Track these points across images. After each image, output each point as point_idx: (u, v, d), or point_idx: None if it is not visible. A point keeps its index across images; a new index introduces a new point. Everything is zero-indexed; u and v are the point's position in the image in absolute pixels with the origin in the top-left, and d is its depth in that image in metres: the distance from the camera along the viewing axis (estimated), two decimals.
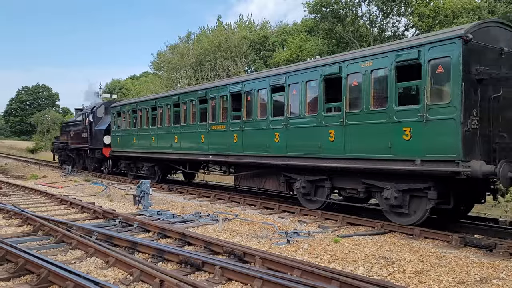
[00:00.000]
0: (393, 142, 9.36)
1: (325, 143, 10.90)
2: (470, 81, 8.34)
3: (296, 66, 12.87)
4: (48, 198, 14.49)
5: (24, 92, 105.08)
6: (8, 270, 6.21)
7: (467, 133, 8.23)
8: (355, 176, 10.57)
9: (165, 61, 44.75)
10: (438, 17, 25.48)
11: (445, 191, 9.09)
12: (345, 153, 10.42)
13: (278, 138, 12.22)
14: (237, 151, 13.83)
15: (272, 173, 13.21)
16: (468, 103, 8.29)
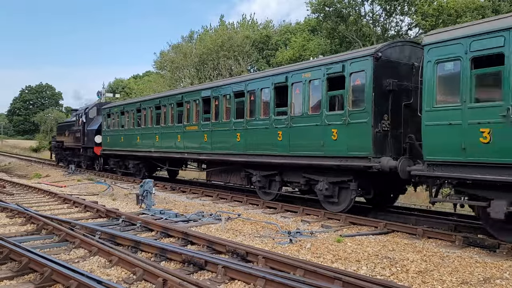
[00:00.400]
0: (324, 142, 11.14)
1: (275, 142, 12.65)
2: (381, 91, 10.12)
3: (255, 75, 15.02)
4: (51, 197, 14.53)
5: (27, 92, 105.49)
6: (11, 269, 6.23)
7: (377, 134, 10.04)
8: (298, 171, 12.30)
9: (168, 60, 44.79)
10: (441, 16, 25.39)
11: (366, 183, 10.90)
12: (290, 151, 12.15)
13: (239, 138, 14.01)
14: (207, 149, 15.59)
15: (236, 169, 14.93)
16: (379, 109, 10.11)
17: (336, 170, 11.07)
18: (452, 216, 11.44)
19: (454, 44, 8.37)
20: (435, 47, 8.72)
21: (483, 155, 7.81)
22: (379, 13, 29.69)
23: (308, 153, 11.61)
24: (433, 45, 8.75)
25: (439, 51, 8.64)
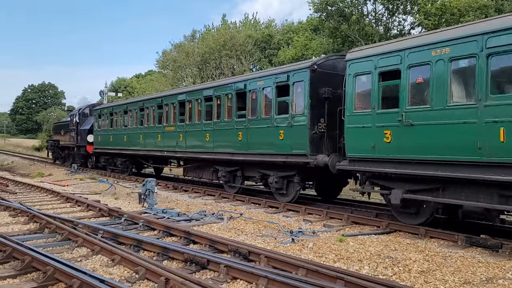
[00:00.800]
0: (274, 141, 12.81)
1: (236, 141, 14.34)
2: (318, 98, 11.76)
3: (220, 82, 17.15)
4: (54, 196, 14.57)
5: (30, 91, 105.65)
6: (14, 267, 6.25)
7: (314, 135, 11.73)
8: (255, 167, 14.05)
9: (170, 59, 44.78)
10: (444, 15, 25.30)
11: (309, 176, 12.88)
12: (248, 149, 13.83)
13: (208, 137, 15.81)
14: (182, 148, 17.42)
15: (206, 165, 16.65)
16: (316, 113, 11.78)
17: (284, 166, 12.79)
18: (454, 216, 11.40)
19: (367, 61, 10.19)
20: (354, 63, 10.54)
21: (386, 152, 9.68)
22: (382, 12, 29.62)
23: (261, 151, 13.37)
24: (353, 61, 10.57)
25: (356, 66, 10.43)
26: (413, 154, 9.12)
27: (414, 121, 9.06)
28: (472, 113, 8.16)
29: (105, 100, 46.11)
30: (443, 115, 8.59)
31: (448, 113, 8.53)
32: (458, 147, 8.35)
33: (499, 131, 7.72)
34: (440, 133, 8.65)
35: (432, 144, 8.75)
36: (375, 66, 9.90)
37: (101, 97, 47.78)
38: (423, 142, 8.91)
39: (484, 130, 7.95)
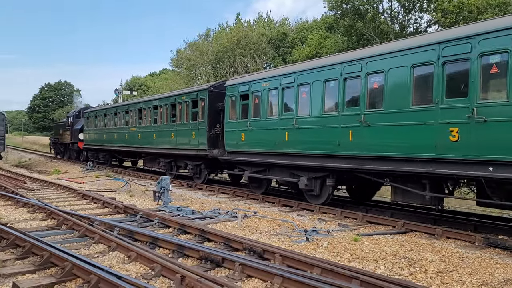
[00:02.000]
0: (189, 140, 17.60)
1: (171, 140, 19.15)
2: (215, 110, 16.35)
3: (161, 95, 22.23)
4: (70, 193, 14.77)
5: (47, 89, 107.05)
6: (33, 262, 6.36)
7: (211, 136, 16.28)
8: (182, 158, 18.86)
9: (185, 58, 44.98)
10: (462, 13, 24.94)
11: (212, 165, 17.34)
12: (177, 145, 18.52)
13: (155, 136, 20.53)
14: (140, 144, 22.26)
15: (155, 158, 21.51)
16: (213, 121, 16.37)
17: (196, 157, 17.48)
18: (472, 216, 11.29)
19: (234, 87, 15.22)
20: (228, 88, 15.55)
21: (242, 147, 14.57)
22: (398, 10, 29.33)
23: (182, 146, 18.03)
24: (227, 86, 15.61)
25: (229, 90, 15.44)
26: (253, 148, 14.08)
27: (254, 127, 14.01)
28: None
29: (120, 98, 46.50)
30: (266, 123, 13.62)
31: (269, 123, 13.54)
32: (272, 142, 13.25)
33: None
34: (261, 134, 13.88)
35: (263, 141, 13.74)
36: (238, 91, 14.87)
37: (116, 95, 48.24)
38: (257, 139, 13.93)
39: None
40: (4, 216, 10.23)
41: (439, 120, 8.76)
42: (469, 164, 8.36)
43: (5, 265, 6.33)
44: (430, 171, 9.04)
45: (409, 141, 9.38)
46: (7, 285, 5.54)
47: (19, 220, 9.77)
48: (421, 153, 9.13)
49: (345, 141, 10.85)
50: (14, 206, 11.83)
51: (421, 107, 9.16)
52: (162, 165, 20.41)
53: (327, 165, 11.51)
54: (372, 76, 10.33)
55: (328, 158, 11.43)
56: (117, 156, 27.34)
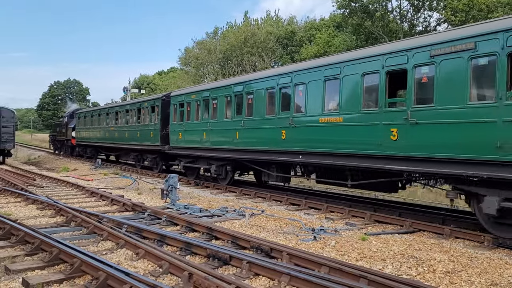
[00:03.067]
0: (147, 137, 22.15)
1: (136, 137, 23.62)
2: (166, 115, 20.37)
3: (130, 101, 28.71)
4: (79, 190, 14.87)
5: (56, 87, 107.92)
6: (43, 259, 6.41)
7: (163, 135, 20.22)
8: (144, 153, 23.66)
9: (193, 56, 45.09)
10: (471, 11, 24.73)
11: (165, 157, 21.24)
12: (143, 142, 22.80)
13: (127, 134, 24.93)
14: (116, 140, 26.51)
15: (128, 152, 26.31)
16: (164, 123, 20.45)
17: (153, 151, 21.92)
18: None
19: (175, 97, 19.87)
20: (172, 97, 20.06)
21: (180, 143, 18.89)
22: (407, 9, 29.15)
23: (145, 143, 22.36)
24: (172, 96, 20.10)
25: (173, 99, 19.92)
26: (187, 144, 18.43)
27: (187, 128, 18.41)
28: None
29: (128, 97, 46.72)
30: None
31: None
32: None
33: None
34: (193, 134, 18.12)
35: (192, 139, 18.14)
36: (177, 100, 19.47)
37: (125, 93, 48.49)
38: (189, 138, 18.33)
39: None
40: (14, 213, 10.32)
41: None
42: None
43: (15, 261, 6.40)
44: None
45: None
46: (17, 280, 5.59)
47: (29, 217, 9.86)
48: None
49: (233, 139, 15.31)
50: (24, 203, 11.94)
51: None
52: (132, 158, 25.72)
53: (227, 155, 15.84)
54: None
55: (228, 151, 15.62)
56: (100, 151, 31.81)
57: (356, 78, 10.76)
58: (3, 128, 28.42)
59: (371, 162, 10.38)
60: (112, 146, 27.71)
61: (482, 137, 8.16)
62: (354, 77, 10.82)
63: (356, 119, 10.76)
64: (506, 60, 7.93)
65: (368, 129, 10.42)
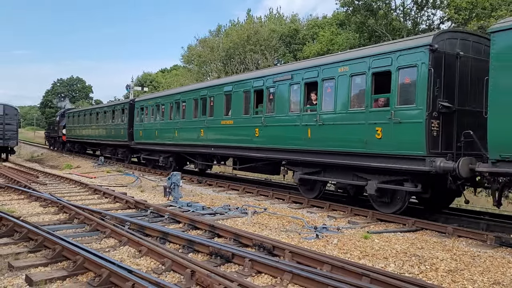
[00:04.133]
0: (118, 133, 26.97)
1: (119, 134, 26.62)
2: (132, 116, 24.91)
3: (111, 103, 31.97)
4: (82, 187, 14.91)
5: (59, 84, 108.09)
6: (46, 256, 6.44)
7: (130, 132, 24.60)
8: (118, 147, 27.47)
9: (195, 54, 45.08)
10: (475, 10, 24.63)
11: (132, 151, 25.89)
12: (115, 138, 27.16)
13: (105, 132, 29.01)
14: (97, 137, 30.73)
15: (106, 147, 29.80)
16: (131, 123, 24.81)
17: (123, 146, 26.01)
18: (483, 215, 11.18)
19: (138, 102, 24.80)
20: (136, 102, 24.86)
21: (141, 140, 23.37)
22: (410, 7, 29.05)
23: (116, 139, 26.76)
24: (136, 101, 24.87)
25: (136, 104, 24.65)
26: (145, 140, 23.05)
27: (145, 127, 23.09)
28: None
29: (131, 94, 46.79)
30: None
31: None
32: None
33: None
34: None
35: (149, 136, 22.69)
36: (139, 105, 24.17)
37: (128, 91, 48.51)
38: (147, 135, 22.67)
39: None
40: (17, 210, 10.36)
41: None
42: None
43: (18, 257, 6.42)
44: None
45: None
46: (20, 277, 5.62)
47: (32, 214, 9.89)
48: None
49: (174, 136, 19.90)
50: (27, 200, 11.98)
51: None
52: (108, 152, 29.32)
53: (170, 149, 20.60)
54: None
55: (171, 145, 20.37)
56: (86, 146, 35.51)
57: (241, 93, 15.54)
58: (7, 125, 28.49)
59: (247, 152, 15.02)
60: (94, 142, 31.95)
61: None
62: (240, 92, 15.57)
63: (241, 121, 15.37)
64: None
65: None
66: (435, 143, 9.39)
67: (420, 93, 9.39)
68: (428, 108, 9.22)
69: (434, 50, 9.26)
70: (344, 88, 11.31)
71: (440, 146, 9.47)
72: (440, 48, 9.41)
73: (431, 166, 9.18)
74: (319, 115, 11.95)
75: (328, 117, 11.71)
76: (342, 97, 11.39)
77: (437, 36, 9.56)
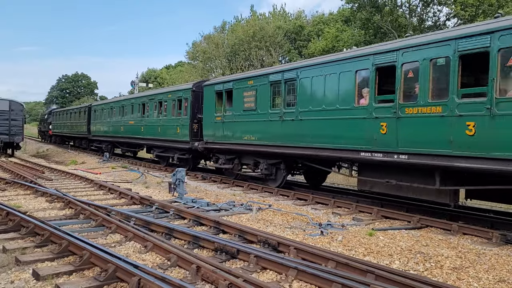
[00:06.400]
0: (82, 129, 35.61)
1: (80, 130, 36.53)
2: (90, 116, 34.21)
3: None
4: (87, 183, 14.98)
5: (64, 81, 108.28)
6: (52, 250, 6.48)
7: (89, 128, 33.38)
8: (79, 139, 38.08)
9: (200, 51, 45.05)
10: (482, 6, 24.45)
11: (89, 141, 34.65)
12: (80, 132, 36.23)
13: (75, 128, 37.91)
14: (72, 131, 38.21)
15: (76, 139, 38.53)
16: (89, 121, 34.33)
17: (83, 138, 35.90)
18: (488, 213, 11.15)
19: (95, 106, 33.64)
20: (92, 106, 33.81)
21: (99, 133, 31.15)
22: (416, 3, 28.88)
23: (79, 133, 36.33)
24: (92, 106, 34.01)
25: (93, 107, 33.73)
26: (101, 133, 30.87)
27: (103, 125, 30.26)
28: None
29: (136, 90, 46.86)
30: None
31: None
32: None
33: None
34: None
35: (106, 131, 29.79)
36: (95, 108, 32.45)
37: (132, 87, 48.64)
38: (102, 130, 30.50)
39: None
40: (23, 205, 10.44)
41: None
42: None
43: (25, 252, 6.48)
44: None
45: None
46: (27, 272, 5.66)
47: (38, 209, 9.96)
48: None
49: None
50: (33, 195, 12.06)
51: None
52: (77, 142, 38.43)
53: (134, 142, 25.15)
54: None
55: (136, 139, 24.76)
56: (65, 139, 43.53)
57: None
58: (12, 121, 28.63)
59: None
60: (68, 135, 41.22)
61: None
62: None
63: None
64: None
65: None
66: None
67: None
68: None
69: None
70: None
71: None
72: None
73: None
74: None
75: None
76: None
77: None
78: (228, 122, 16.01)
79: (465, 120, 8.45)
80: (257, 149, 14.40)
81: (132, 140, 24.98)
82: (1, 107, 28.45)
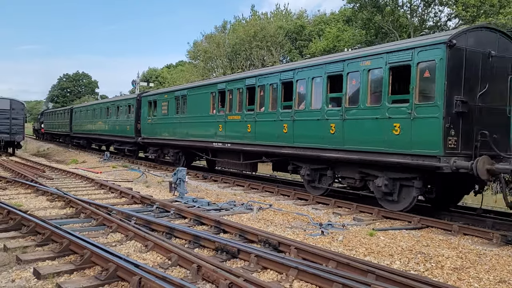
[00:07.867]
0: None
1: (64, 128, 43.19)
2: (71, 117, 40.37)
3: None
4: (88, 182, 14.99)
5: (65, 80, 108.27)
6: (53, 249, 6.49)
7: (70, 126, 40.87)
8: (64, 136, 45.16)
9: (201, 50, 45.06)
10: (483, 7, 24.42)
11: (72, 138, 41.01)
12: (64, 130, 43.07)
13: (60, 126, 44.42)
14: (58, 129, 45.69)
15: (62, 135, 45.55)
16: (72, 121, 40.01)
17: (65, 135, 43.70)
18: (489, 213, 11.14)
19: (76, 108, 39.88)
20: (73, 108, 40.84)
21: (77, 131, 37.91)
22: (417, 3, 28.86)
23: (62, 130, 43.79)
24: (73, 108, 40.88)
25: (74, 110, 39.97)
26: (80, 131, 37.12)
27: (82, 124, 36.31)
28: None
29: (137, 89, 46.88)
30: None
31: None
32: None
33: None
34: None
35: (86, 128, 35.41)
36: (74, 111, 39.16)
37: (133, 86, 48.59)
38: (82, 128, 36.59)
39: None
40: (24, 204, 10.45)
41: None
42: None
43: (26, 251, 6.49)
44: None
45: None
46: (28, 270, 5.67)
47: (39, 208, 9.97)
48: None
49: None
50: (34, 194, 12.08)
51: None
52: (62, 139, 44.88)
53: (103, 138, 30.35)
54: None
55: (104, 135, 29.50)
56: (55, 136, 49.44)
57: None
58: (13, 120, 28.67)
59: None
60: (56, 133, 47.11)
61: None
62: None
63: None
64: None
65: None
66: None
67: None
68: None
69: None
70: None
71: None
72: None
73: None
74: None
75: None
76: None
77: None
78: (155, 123, 22.52)
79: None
80: (169, 142, 20.76)
81: (101, 136, 31.29)
82: (2, 106, 28.49)
